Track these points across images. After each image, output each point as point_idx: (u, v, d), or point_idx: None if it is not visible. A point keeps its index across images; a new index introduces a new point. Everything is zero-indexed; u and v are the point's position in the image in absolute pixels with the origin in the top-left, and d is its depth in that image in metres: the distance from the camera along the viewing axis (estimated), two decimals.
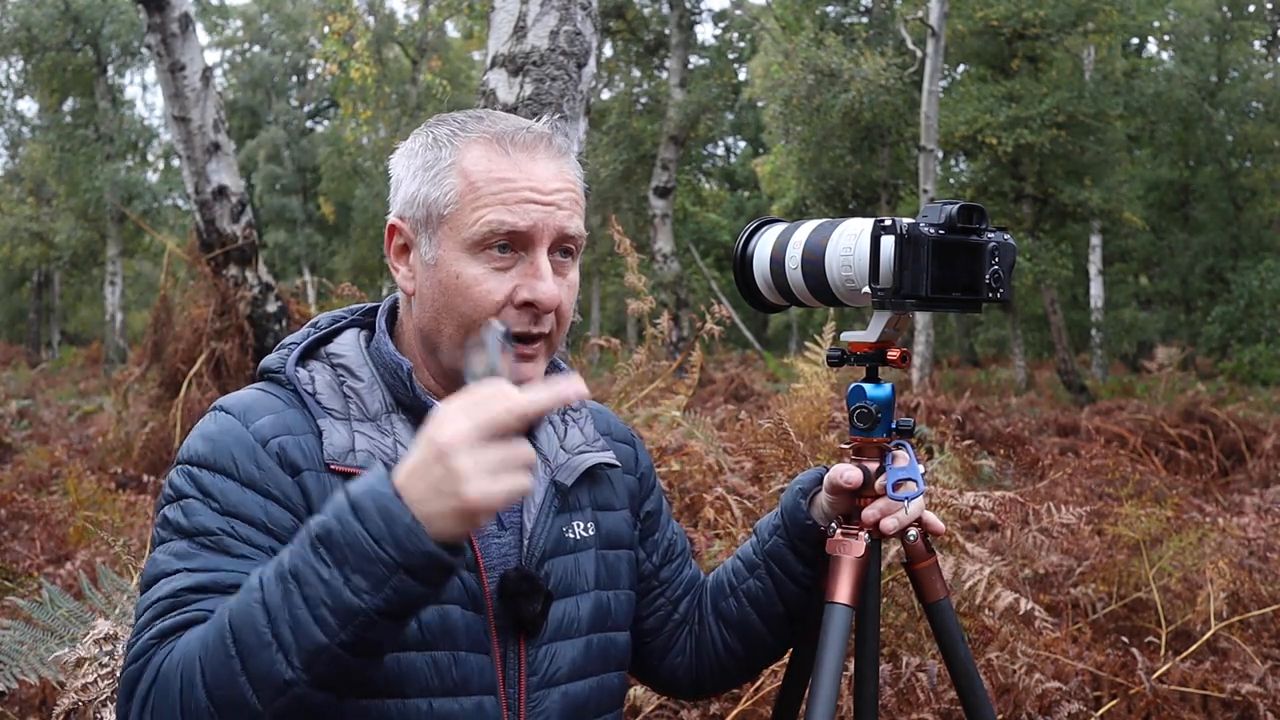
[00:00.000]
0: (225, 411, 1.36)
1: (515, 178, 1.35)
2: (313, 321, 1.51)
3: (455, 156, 1.37)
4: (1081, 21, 17.44)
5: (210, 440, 1.32)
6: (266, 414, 1.35)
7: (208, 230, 6.55)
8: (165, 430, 6.52)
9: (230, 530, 1.27)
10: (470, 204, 1.35)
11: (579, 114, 3.60)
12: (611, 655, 1.50)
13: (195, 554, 1.25)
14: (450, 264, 1.36)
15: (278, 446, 1.32)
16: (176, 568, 1.25)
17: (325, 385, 1.39)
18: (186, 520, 1.28)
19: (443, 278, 1.36)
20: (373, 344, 1.45)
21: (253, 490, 1.29)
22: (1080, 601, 3.75)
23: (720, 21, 33.10)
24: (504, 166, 1.36)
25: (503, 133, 1.37)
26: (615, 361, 4.40)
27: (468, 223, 1.35)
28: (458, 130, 1.39)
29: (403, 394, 1.40)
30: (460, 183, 1.36)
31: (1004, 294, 1.50)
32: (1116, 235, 22.41)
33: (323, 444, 1.34)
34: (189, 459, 1.33)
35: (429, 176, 1.38)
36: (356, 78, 18.32)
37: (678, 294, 17.96)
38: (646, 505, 1.62)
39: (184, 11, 6.33)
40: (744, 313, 26.73)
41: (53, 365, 24.33)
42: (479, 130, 1.39)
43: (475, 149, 1.37)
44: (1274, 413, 11.48)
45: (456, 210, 1.36)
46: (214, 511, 1.28)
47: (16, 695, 2.78)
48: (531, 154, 1.37)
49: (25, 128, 30.91)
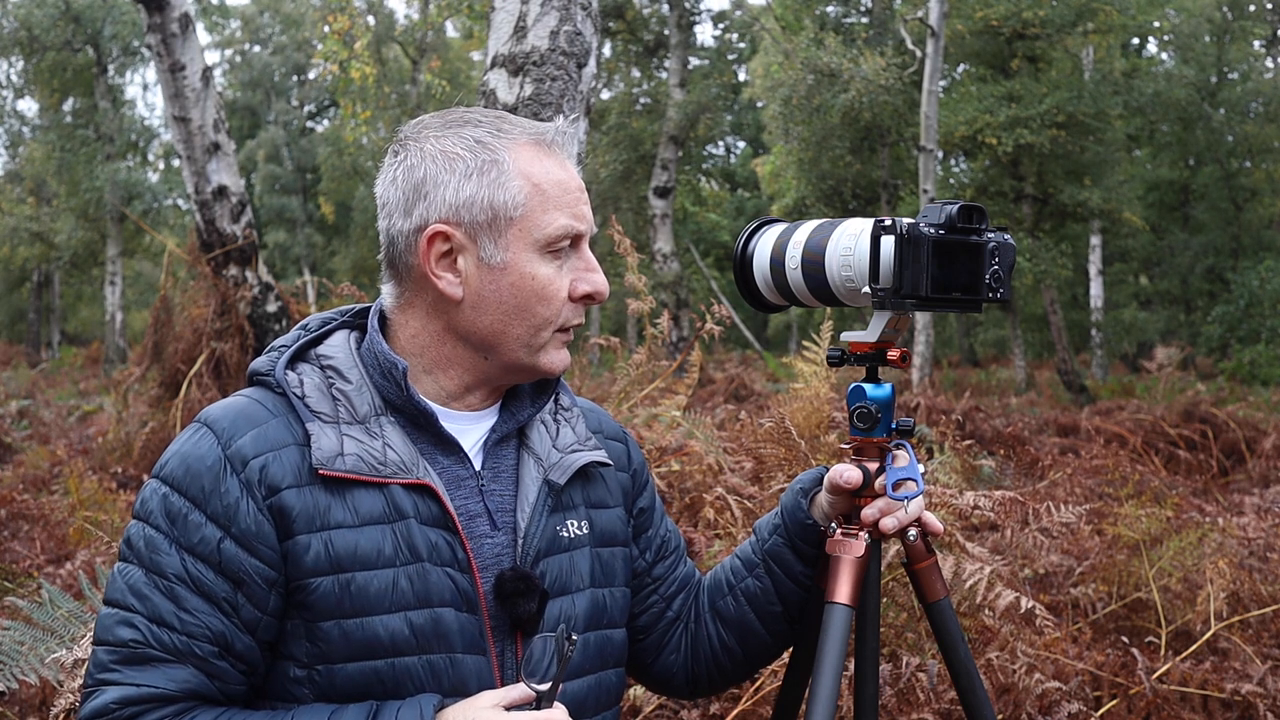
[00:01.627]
0: (208, 427, 1.36)
1: (566, 179, 1.41)
2: (302, 324, 1.51)
3: (512, 159, 1.39)
4: (1081, 21, 17.42)
5: (186, 464, 1.33)
6: (250, 428, 1.35)
7: (208, 230, 6.55)
8: (165, 430, 6.51)
9: (183, 574, 1.30)
10: (539, 207, 1.38)
11: (579, 114, 3.60)
12: (609, 652, 1.50)
13: (148, 595, 1.30)
14: (524, 265, 1.38)
15: (258, 467, 1.32)
16: (131, 604, 1.30)
17: (314, 388, 1.39)
18: (147, 553, 1.32)
19: (515, 280, 1.38)
20: (364, 345, 1.44)
21: (214, 524, 1.31)
22: (1080, 601, 3.75)
23: (720, 22, 33.08)
24: (555, 167, 1.41)
25: (541, 133, 1.42)
26: (615, 361, 4.40)
27: (540, 225, 1.38)
28: (497, 132, 1.40)
29: (393, 395, 1.40)
30: (526, 185, 1.38)
31: (1004, 294, 1.50)
32: (1116, 235, 22.40)
33: (308, 452, 1.34)
34: (165, 477, 1.34)
35: (489, 179, 1.38)
36: (356, 78, 18.31)
37: (678, 294, 17.95)
38: (639, 502, 1.62)
39: (184, 11, 6.33)
40: (744, 313, 26.74)
41: (53, 365, 24.30)
42: (519, 131, 1.41)
43: (525, 150, 1.40)
44: (1274, 413, 11.47)
45: (526, 213, 1.38)
46: (175, 545, 1.31)
47: (16, 695, 2.78)
48: (566, 154, 1.43)
49: (25, 128, 30.92)
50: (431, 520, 1.36)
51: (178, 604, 1.29)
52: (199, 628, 1.29)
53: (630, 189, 20.80)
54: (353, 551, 1.32)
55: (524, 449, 1.48)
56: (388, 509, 1.34)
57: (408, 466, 1.36)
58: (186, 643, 1.29)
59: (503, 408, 1.50)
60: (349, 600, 1.31)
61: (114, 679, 1.28)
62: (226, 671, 1.31)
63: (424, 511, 1.36)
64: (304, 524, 1.31)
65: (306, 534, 1.31)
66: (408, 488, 1.36)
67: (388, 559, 1.33)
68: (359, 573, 1.32)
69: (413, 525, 1.35)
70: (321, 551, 1.31)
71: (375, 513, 1.34)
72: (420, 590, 1.33)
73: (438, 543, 1.36)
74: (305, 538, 1.31)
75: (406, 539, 1.34)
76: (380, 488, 1.35)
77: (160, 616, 1.29)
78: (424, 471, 1.37)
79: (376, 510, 1.34)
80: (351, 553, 1.32)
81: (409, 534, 1.34)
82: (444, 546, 1.36)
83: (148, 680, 1.28)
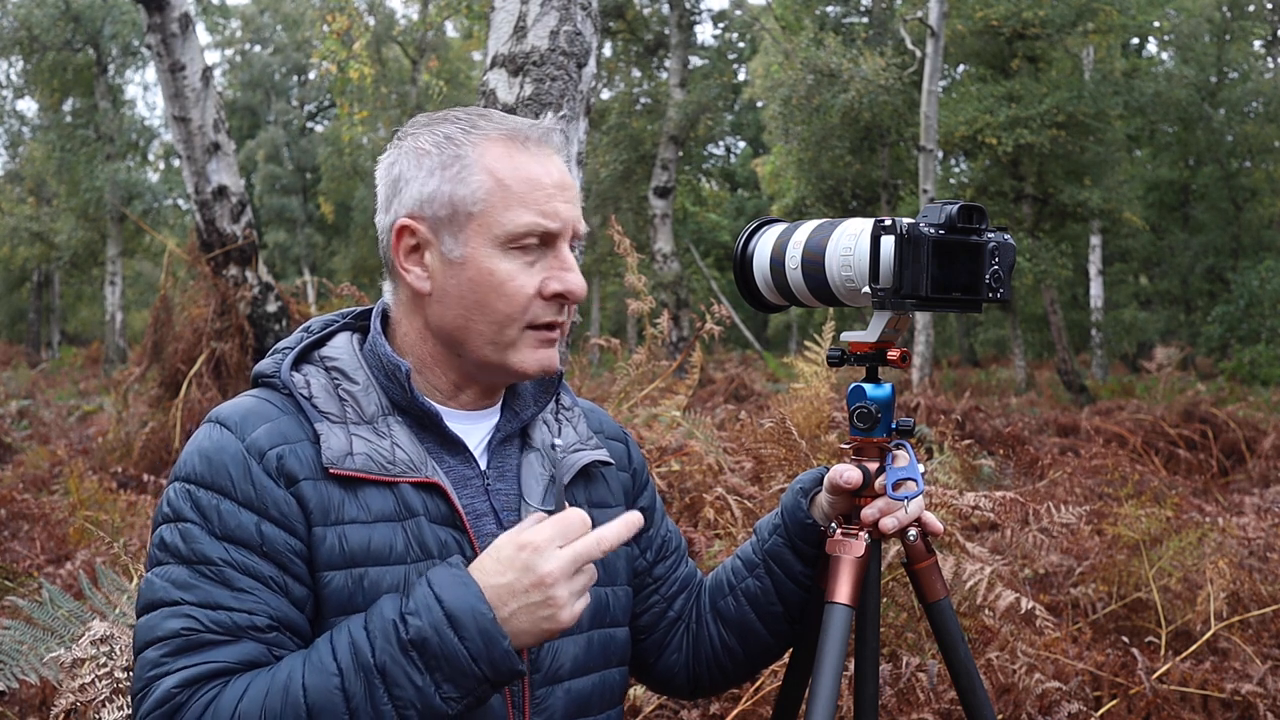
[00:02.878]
0: (221, 424, 1.36)
1: (540, 175, 1.38)
2: (305, 326, 1.51)
3: (477, 154, 1.38)
4: (1081, 21, 17.42)
5: (207, 458, 1.32)
6: (263, 423, 1.35)
7: (208, 230, 6.55)
8: (165, 430, 6.51)
9: (229, 559, 1.27)
10: (501, 202, 1.37)
11: (579, 114, 3.60)
12: (612, 651, 1.51)
13: (195, 584, 1.27)
14: (482, 261, 1.37)
15: (275, 457, 1.32)
16: (177, 598, 1.26)
17: (320, 389, 1.40)
18: (185, 546, 1.28)
19: (473, 274, 1.37)
20: (367, 346, 1.45)
21: (249, 510, 1.29)
22: (1080, 601, 3.75)
23: (720, 22, 33.08)
24: (526, 163, 1.38)
25: (517, 129, 1.40)
26: (615, 361, 4.40)
27: (500, 221, 1.36)
28: (469, 129, 1.40)
29: (398, 396, 1.41)
30: (488, 180, 1.37)
31: (1004, 294, 1.50)
32: (1116, 235, 22.41)
33: (320, 449, 1.34)
34: (187, 476, 1.32)
35: (451, 174, 1.38)
36: (354, 77, 18.29)
37: (678, 294, 17.95)
38: (640, 502, 1.63)
39: (184, 11, 6.33)
40: (744, 313, 26.73)
41: (53, 365, 24.30)
42: (492, 128, 1.40)
43: (495, 147, 1.39)
44: (1274, 413, 11.47)
45: (486, 208, 1.37)
46: (212, 537, 1.28)
47: (16, 695, 2.78)
48: (546, 151, 1.41)
49: (25, 128, 30.92)
50: (441, 518, 1.37)
51: (229, 586, 1.26)
52: (258, 603, 1.27)
53: (630, 189, 20.80)
54: (366, 547, 1.32)
55: (527, 448, 1.49)
56: (398, 507, 1.35)
57: (416, 465, 1.37)
58: (247, 619, 1.25)
59: (505, 407, 1.51)
60: (361, 595, 1.31)
61: (169, 668, 1.23)
62: (286, 644, 1.28)
63: (433, 510, 1.37)
64: (320, 517, 1.32)
65: (322, 526, 1.32)
66: (417, 486, 1.36)
67: (399, 555, 1.34)
68: (372, 568, 1.32)
69: (423, 523, 1.36)
70: (336, 545, 1.32)
71: (386, 510, 1.35)
72: None
73: (447, 541, 1.36)
74: (321, 530, 1.32)
75: (418, 536, 1.35)
76: (390, 486, 1.35)
77: (213, 600, 1.26)
78: (432, 470, 1.38)
79: (387, 508, 1.35)
80: (365, 548, 1.32)
81: (420, 532, 1.35)
82: (453, 544, 1.37)
83: (207, 659, 1.23)
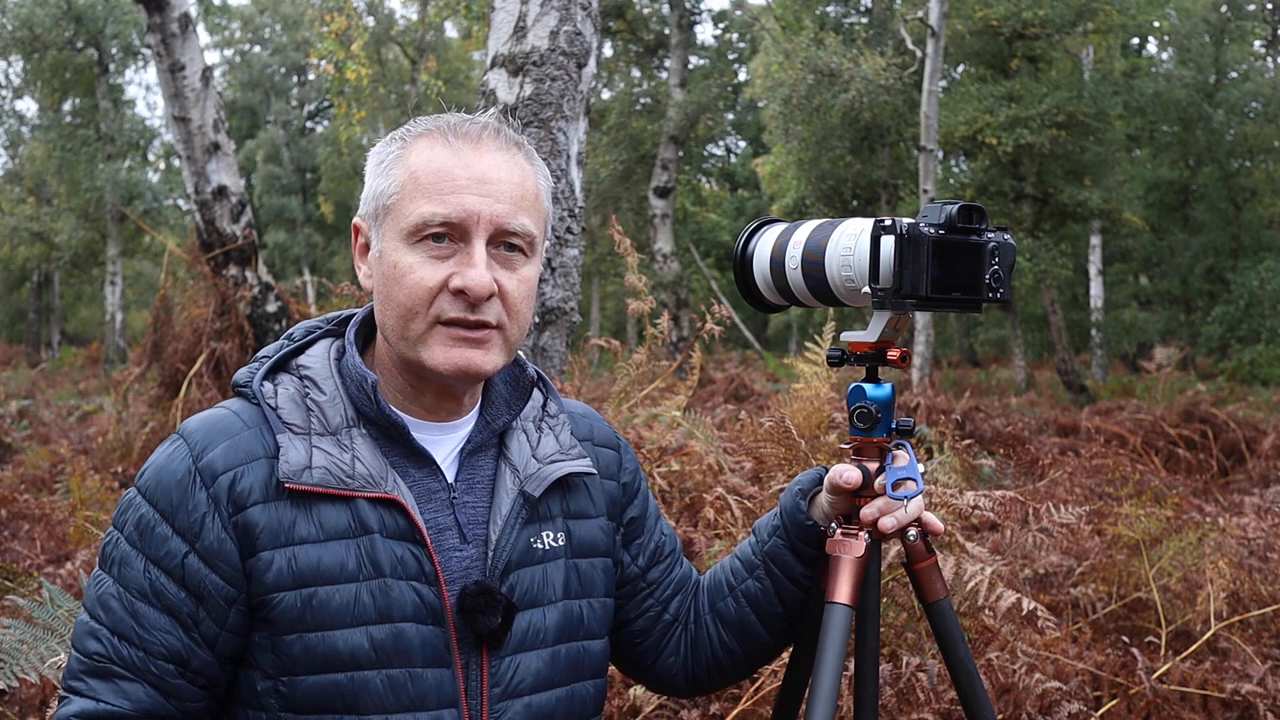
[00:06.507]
0: (184, 440, 1.38)
1: (452, 167, 1.36)
2: (288, 333, 1.51)
3: (403, 150, 1.40)
4: (1081, 21, 17.42)
5: (158, 474, 1.36)
6: (224, 440, 1.36)
7: (208, 230, 6.55)
8: (165, 430, 6.51)
9: (146, 589, 1.33)
10: (409, 195, 1.37)
11: (579, 114, 3.60)
12: (584, 664, 1.49)
13: (114, 609, 1.34)
14: (390, 253, 1.38)
15: (227, 482, 1.33)
16: (99, 615, 1.34)
17: (288, 399, 1.40)
18: (117, 566, 1.35)
19: (384, 268, 1.38)
20: (343, 356, 1.45)
21: (180, 538, 1.33)
22: (1080, 601, 3.74)
23: (720, 21, 33.07)
24: (444, 156, 1.37)
25: (449, 125, 1.39)
26: (615, 362, 4.40)
27: (405, 212, 1.37)
28: (412, 127, 1.42)
29: (366, 407, 1.40)
30: (403, 174, 1.38)
31: (1004, 294, 1.50)
32: (1116, 235, 22.39)
33: (278, 462, 1.34)
34: (141, 486, 1.37)
35: (380, 171, 1.41)
36: (352, 78, 18.27)
37: (678, 294, 17.95)
38: (630, 511, 1.61)
39: (184, 11, 6.33)
40: (744, 313, 26.72)
41: (53, 365, 24.30)
42: (428, 124, 1.41)
43: (421, 142, 1.39)
44: (1274, 413, 11.47)
45: (398, 201, 1.37)
46: (142, 556, 1.34)
47: (16, 695, 2.78)
48: (475, 145, 1.38)
49: (25, 127, 30.91)
50: (398, 534, 1.36)
51: (138, 620, 1.33)
52: (156, 645, 1.32)
53: (630, 189, 20.80)
54: (315, 567, 1.33)
55: (503, 459, 1.47)
56: (352, 524, 1.35)
57: (375, 480, 1.36)
58: (144, 659, 1.32)
59: (480, 415, 1.49)
60: (310, 615, 1.32)
61: (80, 689, 1.33)
62: (183, 689, 1.34)
63: (390, 525, 1.36)
64: (269, 539, 1.33)
65: (271, 549, 1.32)
66: (374, 502, 1.36)
67: (350, 574, 1.33)
68: (321, 588, 1.32)
69: (377, 540, 1.35)
70: (284, 567, 1.32)
71: (340, 527, 1.34)
72: (382, 605, 1.34)
73: (404, 556, 1.35)
74: (269, 553, 1.32)
75: (370, 554, 1.34)
76: (346, 501, 1.35)
77: (121, 631, 1.33)
78: (393, 484, 1.37)
79: (341, 525, 1.34)
80: (314, 568, 1.33)
81: (373, 549, 1.34)
82: (410, 560, 1.36)
83: (107, 697, 1.31)
